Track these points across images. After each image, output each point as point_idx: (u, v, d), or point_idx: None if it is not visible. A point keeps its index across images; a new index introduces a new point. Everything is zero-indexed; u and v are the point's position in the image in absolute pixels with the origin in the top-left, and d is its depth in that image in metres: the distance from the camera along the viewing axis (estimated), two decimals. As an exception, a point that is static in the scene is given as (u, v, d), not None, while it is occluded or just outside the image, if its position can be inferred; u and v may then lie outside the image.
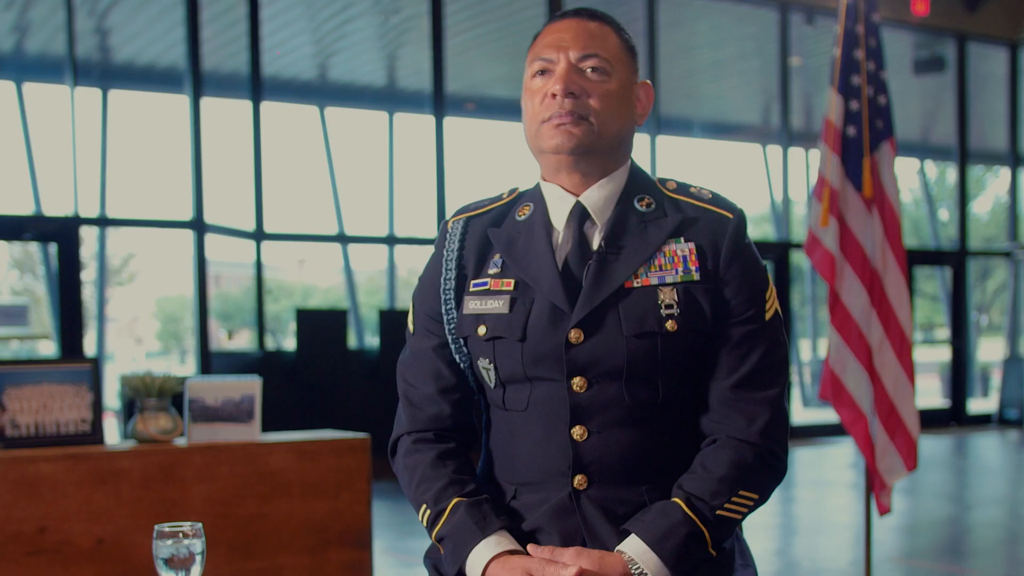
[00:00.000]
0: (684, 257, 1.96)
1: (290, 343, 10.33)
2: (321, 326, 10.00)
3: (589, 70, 1.97)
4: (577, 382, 1.93)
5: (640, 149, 12.57)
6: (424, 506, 2.01)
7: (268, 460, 4.28)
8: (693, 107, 14.67)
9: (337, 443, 4.38)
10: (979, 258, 17.71)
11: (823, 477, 10.32)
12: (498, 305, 1.99)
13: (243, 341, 14.69)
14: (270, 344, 13.50)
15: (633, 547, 1.88)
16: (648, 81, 2.08)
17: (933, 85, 14.59)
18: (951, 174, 16.42)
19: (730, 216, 2.00)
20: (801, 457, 11.45)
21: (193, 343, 9.79)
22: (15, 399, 4.05)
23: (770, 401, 1.97)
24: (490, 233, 2.06)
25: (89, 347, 12.47)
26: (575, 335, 1.93)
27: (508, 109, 13.33)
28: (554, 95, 1.95)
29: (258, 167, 9.93)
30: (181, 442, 4.25)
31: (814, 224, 4.64)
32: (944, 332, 15.53)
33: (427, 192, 11.17)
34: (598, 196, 2.01)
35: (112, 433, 10.30)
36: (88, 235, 11.98)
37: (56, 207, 9.66)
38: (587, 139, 1.96)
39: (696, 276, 1.96)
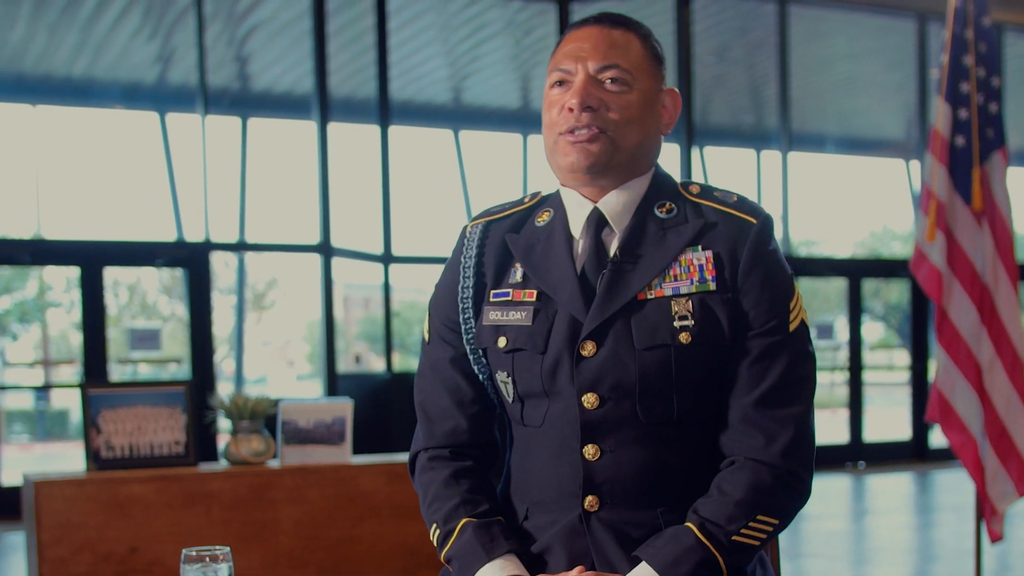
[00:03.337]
0: (700, 266, 1.87)
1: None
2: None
3: (608, 81, 1.90)
4: (589, 398, 1.86)
5: (771, 166, 12.38)
6: (435, 525, 1.97)
7: (358, 482, 4.28)
8: (828, 122, 14.34)
9: (428, 465, 4.35)
10: None
11: (965, 501, 9.93)
12: (520, 316, 1.93)
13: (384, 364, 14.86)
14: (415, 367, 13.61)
15: (643, 574, 1.80)
16: (675, 89, 1.99)
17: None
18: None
19: (753, 221, 1.90)
20: (941, 480, 11.06)
21: (322, 365, 9.91)
22: (110, 421, 4.12)
23: (793, 419, 1.86)
24: (508, 239, 2.00)
25: (228, 370, 12.75)
26: (587, 347, 1.86)
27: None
28: (571, 109, 1.89)
29: (386, 190, 10.03)
30: (274, 464, 4.28)
31: (920, 239, 4.46)
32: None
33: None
34: (616, 202, 1.93)
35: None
36: (231, 261, 12.25)
37: (197, 234, 9.88)
38: (603, 156, 1.89)
39: (712, 286, 1.86)
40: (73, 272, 9.66)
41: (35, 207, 11.27)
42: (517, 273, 1.98)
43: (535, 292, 1.94)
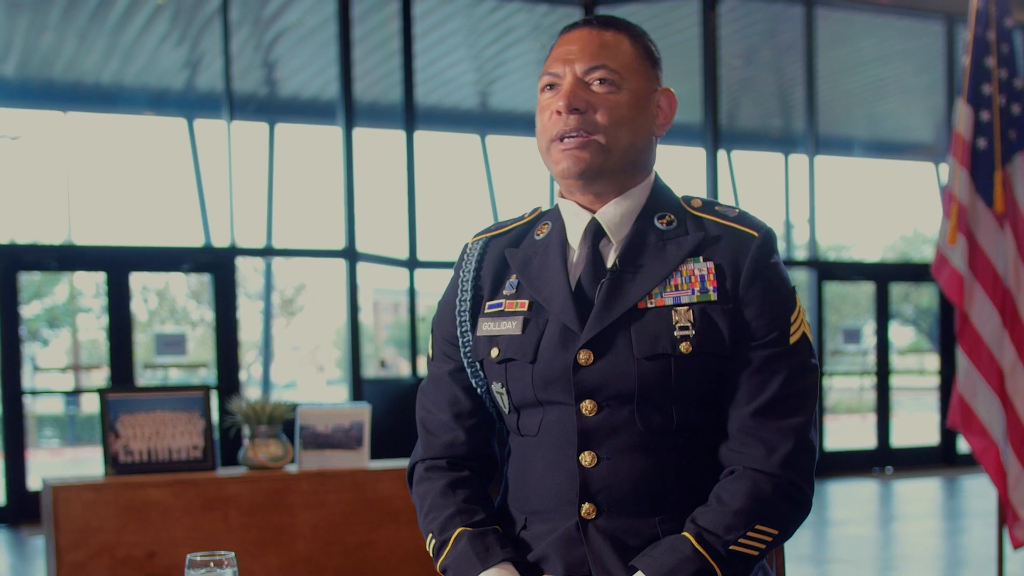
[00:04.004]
0: (702, 276, 1.85)
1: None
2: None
3: (596, 82, 1.88)
4: (586, 405, 1.84)
5: (799, 170, 12.32)
6: (431, 535, 1.95)
7: (376, 487, 4.28)
8: (856, 125, 14.27)
9: (445, 470, 4.34)
10: None
11: (992, 507, 9.83)
12: (511, 326, 1.92)
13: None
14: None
15: None
16: (670, 88, 1.97)
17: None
18: None
19: (755, 234, 1.88)
20: (969, 485, 10.96)
21: (347, 370, 9.93)
22: (128, 426, 4.13)
23: (793, 430, 1.84)
24: (507, 254, 1.99)
25: (258, 375, 12.78)
26: (584, 356, 1.84)
27: (678, 133, 13.06)
28: (559, 112, 1.87)
29: (411, 195, 10.04)
30: (291, 469, 4.28)
31: (942, 242, 4.42)
32: None
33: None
34: (614, 213, 1.91)
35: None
36: (260, 266, 12.28)
37: (224, 239, 9.93)
38: (595, 161, 1.87)
39: (713, 296, 1.84)
40: (102, 277, 9.71)
41: (65, 213, 11.37)
42: (512, 284, 1.97)
43: (526, 302, 1.93)
